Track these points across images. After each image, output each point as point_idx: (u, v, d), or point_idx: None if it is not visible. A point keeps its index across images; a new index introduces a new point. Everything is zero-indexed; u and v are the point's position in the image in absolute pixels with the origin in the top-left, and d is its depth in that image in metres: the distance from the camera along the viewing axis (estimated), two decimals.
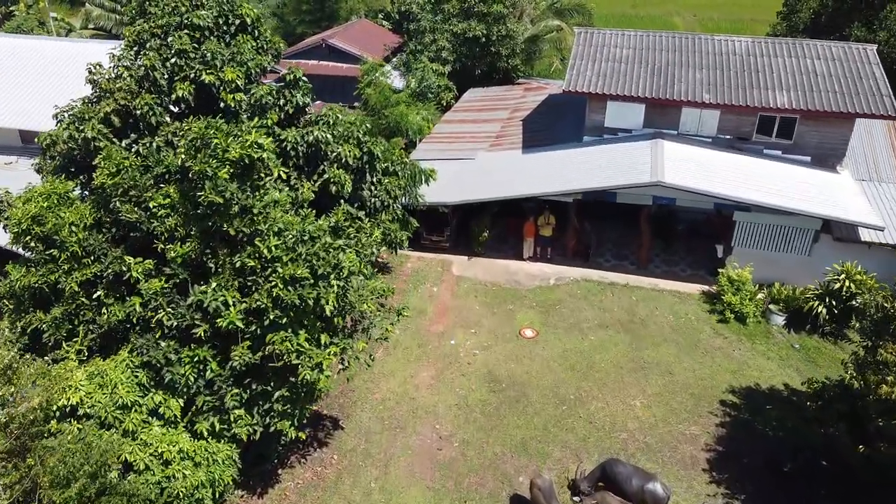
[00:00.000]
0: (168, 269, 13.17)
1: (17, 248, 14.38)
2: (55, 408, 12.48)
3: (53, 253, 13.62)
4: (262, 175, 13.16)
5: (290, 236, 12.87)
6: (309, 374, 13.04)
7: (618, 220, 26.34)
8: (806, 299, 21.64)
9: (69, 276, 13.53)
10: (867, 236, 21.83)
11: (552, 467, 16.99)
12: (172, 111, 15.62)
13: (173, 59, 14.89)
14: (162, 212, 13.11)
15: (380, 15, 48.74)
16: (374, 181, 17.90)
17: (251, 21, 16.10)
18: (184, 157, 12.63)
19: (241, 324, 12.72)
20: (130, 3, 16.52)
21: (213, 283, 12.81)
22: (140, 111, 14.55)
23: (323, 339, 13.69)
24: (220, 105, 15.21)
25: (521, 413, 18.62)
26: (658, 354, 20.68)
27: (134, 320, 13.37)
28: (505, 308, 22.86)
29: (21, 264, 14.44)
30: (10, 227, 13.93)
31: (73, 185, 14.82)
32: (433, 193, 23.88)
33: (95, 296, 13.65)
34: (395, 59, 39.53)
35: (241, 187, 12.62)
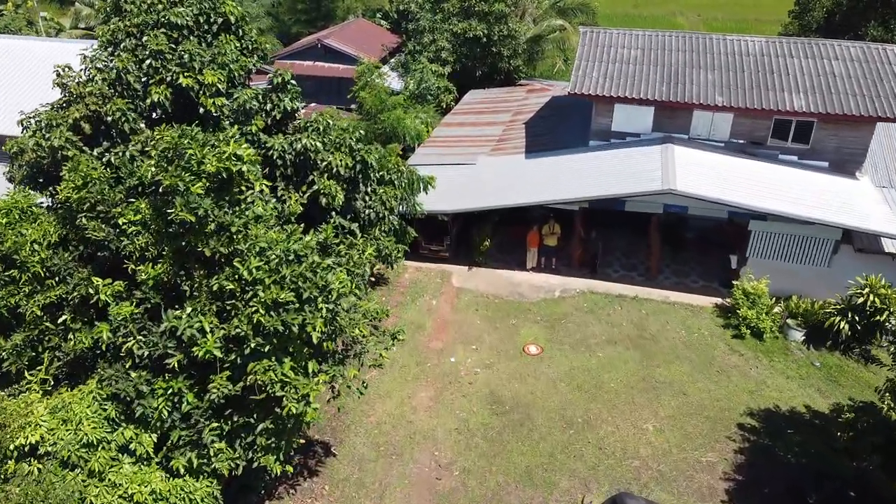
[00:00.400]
0: (139, 293, 11.98)
1: None
2: (12, 447, 11.29)
3: (13, 274, 12.40)
4: (243, 189, 11.96)
5: (274, 256, 11.67)
6: (294, 406, 11.87)
7: (625, 228, 25.15)
8: (827, 314, 20.43)
9: (31, 300, 12.34)
10: (891, 247, 20.66)
11: (559, 499, 15.79)
12: (150, 117, 14.43)
13: (148, 61, 13.70)
14: (132, 229, 11.90)
15: (378, 14, 47.81)
16: (368, 191, 16.71)
17: (235, 19, 14.89)
18: (153, 169, 11.41)
19: (220, 353, 11.54)
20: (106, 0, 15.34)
21: (189, 308, 11.62)
22: (112, 117, 13.36)
23: (311, 367, 12.50)
24: (201, 111, 14.01)
25: (525, 438, 17.43)
26: (670, 373, 19.48)
27: (103, 347, 12.17)
28: (508, 323, 21.67)
29: None
30: None
31: (39, 198, 13.62)
32: (432, 201, 22.72)
33: (61, 320, 12.47)
34: (393, 59, 38.46)
35: (219, 203, 11.41)
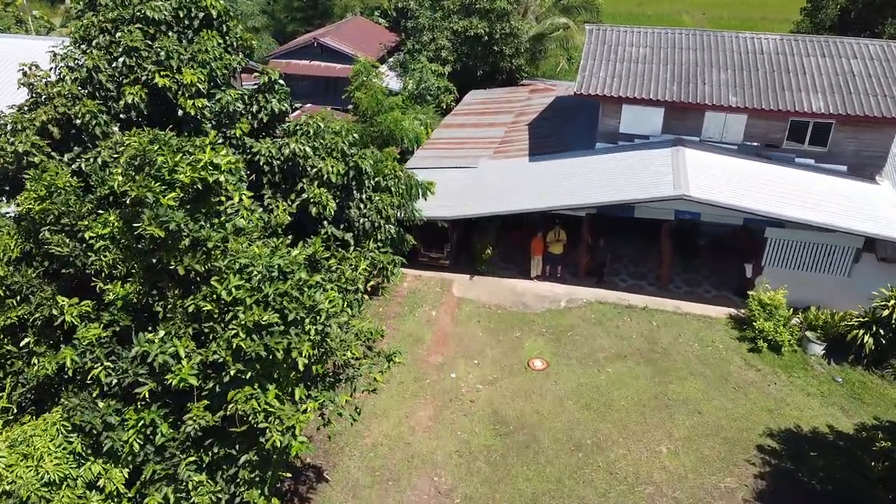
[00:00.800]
0: (107, 314, 10.86)
1: None
2: None
3: None
4: (223, 199, 10.85)
5: (256, 273, 10.55)
6: (279, 438, 10.75)
7: (634, 234, 24.05)
8: (848, 327, 19.23)
9: None
10: None
11: None
12: (125, 119, 13.30)
13: (122, 59, 12.58)
14: (99, 244, 10.78)
15: (376, 12, 46.72)
16: (362, 199, 15.59)
17: (217, 14, 13.72)
18: (120, 179, 10.29)
19: (196, 381, 10.42)
20: None
21: (162, 332, 10.49)
22: (81, 120, 12.24)
23: (297, 394, 11.36)
24: (179, 113, 12.89)
25: (531, 462, 16.33)
26: (684, 390, 18.38)
27: (69, 374, 11.05)
28: (511, 335, 20.55)
29: None
30: None
31: (4, 208, 12.51)
32: (432, 206, 21.60)
33: (24, 343, 11.36)
34: (391, 59, 37.34)
35: (194, 216, 10.29)
